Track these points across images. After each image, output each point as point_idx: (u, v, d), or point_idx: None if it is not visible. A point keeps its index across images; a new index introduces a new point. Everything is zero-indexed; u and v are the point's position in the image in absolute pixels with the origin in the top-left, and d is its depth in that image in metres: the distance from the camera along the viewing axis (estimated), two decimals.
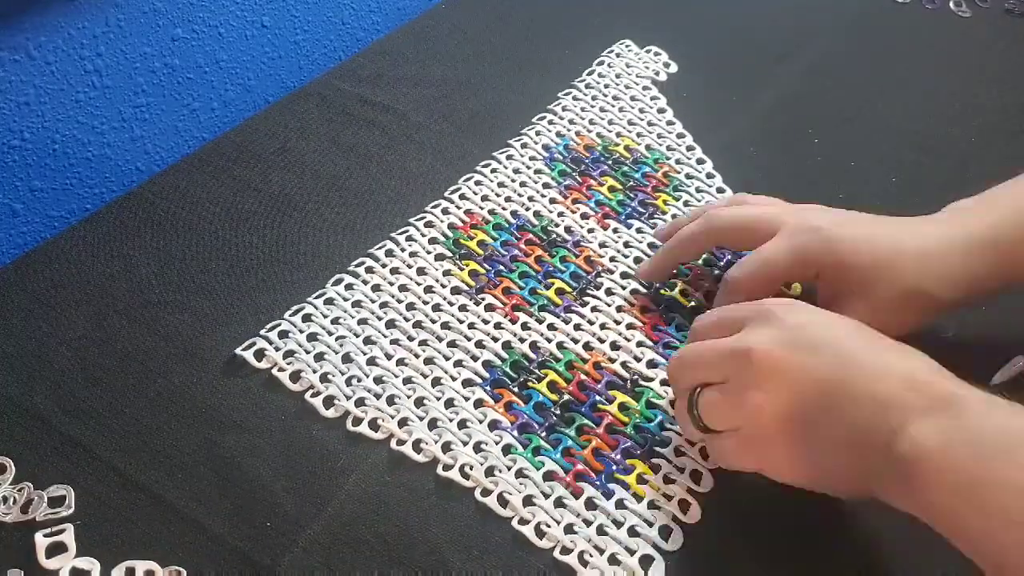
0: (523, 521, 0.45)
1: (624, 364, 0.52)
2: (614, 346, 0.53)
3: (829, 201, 0.63)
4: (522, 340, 0.53)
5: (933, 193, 0.64)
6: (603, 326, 0.54)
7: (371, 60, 0.76)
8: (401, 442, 0.48)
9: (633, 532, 0.45)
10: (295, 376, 0.51)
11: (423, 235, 0.59)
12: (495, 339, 0.53)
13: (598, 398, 0.50)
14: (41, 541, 0.42)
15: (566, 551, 0.44)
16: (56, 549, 0.42)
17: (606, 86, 0.73)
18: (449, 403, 0.50)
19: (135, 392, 0.50)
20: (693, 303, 0.56)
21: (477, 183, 0.63)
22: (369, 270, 0.57)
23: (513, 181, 0.64)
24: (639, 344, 0.53)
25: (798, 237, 0.48)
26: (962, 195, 0.63)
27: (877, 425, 0.37)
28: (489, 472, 0.47)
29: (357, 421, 0.49)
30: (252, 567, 0.43)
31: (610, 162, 0.66)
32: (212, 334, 0.53)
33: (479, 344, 0.53)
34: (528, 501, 0.46)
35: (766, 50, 0.78)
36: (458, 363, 0.52)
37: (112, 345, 0.52)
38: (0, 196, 0.60)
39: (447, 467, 0.47)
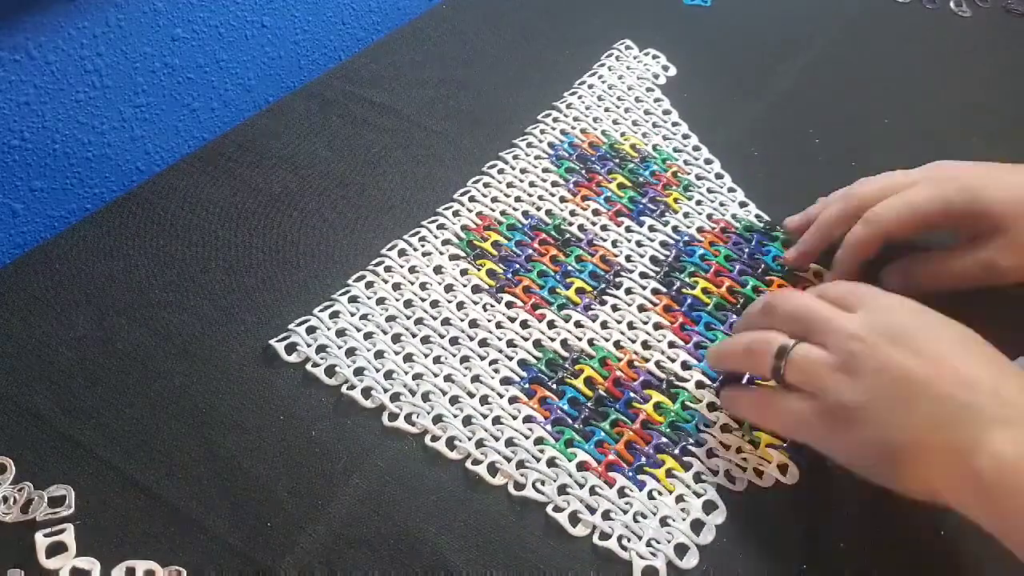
0: (558, 509, 0.45)
1: (658, 364, 0.52)
2: (645, 345, 0.53)
3: None
4: (551, 339, 0.53)
5: None
6: (630, 325, 0.54)
7: (371, 60, 0.76)
8: (435, 438, 0.48)
9: (664, 523, 0.45)
10: (330, 371, 0.51)
11: (436, 236, 0.59)
12: (524, 338, 0.53)
13: (633, 395, 0.50)
14: (41, 541, 0.42)
15: (605, 536, 0.44)
16: (56, 549, 0.42)
17: (610, 86, 0.73)
18: (484, 400, 0.50)
19: (135, 392, 0.50)
20: (715, 300, 0.56)
21: (486, 185, 0.64)
22: (388, 269, 0.57)
23: (522, 181, 0.64)
24: (671, 345, 0.53)
25: (942, 186, 0.52)
26: None
27: (956, 427, 0.38)
28: (520, 466, 0.47)
29: (393, 416, 0.49)
30: (252, 567, 0.43)
31: (616, 160, 0.66)
32: (212, 334, 0.53)
33: (511, 343, 0.53)
34: (562, 490, 0.46)
35: (766, 50, 0.78)
36: (494, 362, 0.52)
37: (112, 345, 0.52)
38: (0, 196, 0.60)
39: (476, 462, 0.47)
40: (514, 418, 0.49)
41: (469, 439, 0.48)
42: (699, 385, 0.51)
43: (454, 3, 0.83)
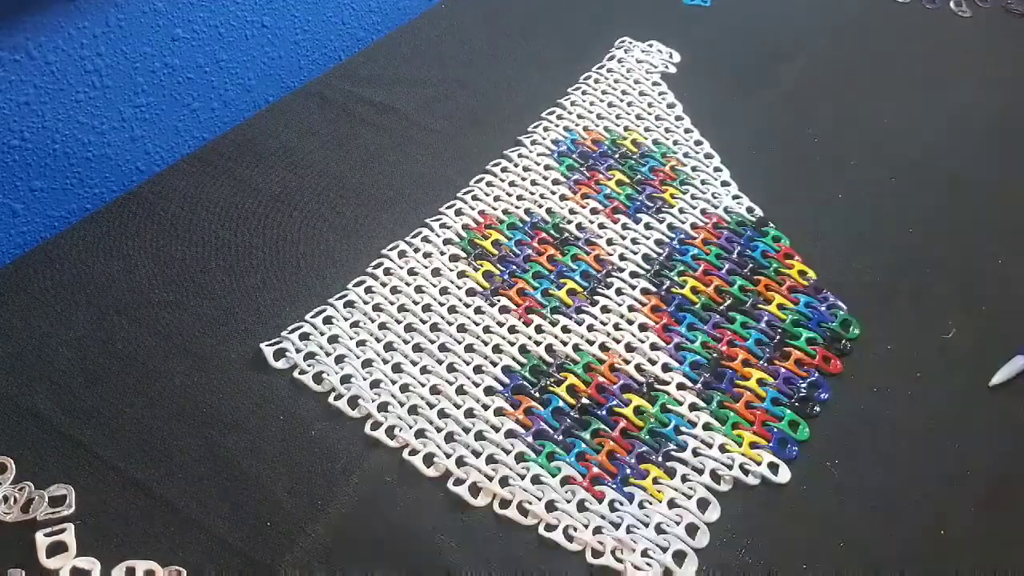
0: (550, 527, 0.45)
1: (638, 367, 0.52)
2: (628, 348, 0.53)
3: (828, 200, 0.64)
4: (537, 343, 0.53)
5: (931, 192, 0.64)
6: (616, 327, 0.54)
7: (371, 60, 0.76)
8: (414, 452, 0.48)
9: (660, 530, 0.45)
10: (318, 377, 0.51)
11: (438, 236, 0.60)
12: (511, 343, 0.53)
13: (614, 400, 0.50)
14: (42, 540, 0.42)
15: (597, 554, 0.44)
16: (56, 548, 0.42)
17: (616, 81, 0.73)
18: (469, 413, 0.49)
19: (135, 392, 0.50)
20: (703, 299, 0.56)
21: (489, 184, 0.64)
22: (388, 272, 0.57)
23: (524, 180, 0.64)
24: (653, 347, 0.53)
25: None
26: (960, 194, 0.63)
27: None
28: (504, 483, 0.46)
29: (376, 426, 0.49)
30: (252, 567, 0.43)
31: (617, 156, 0.66)
32: (212, 334, 0.53)
33: (496, 349, 0.53)
34: (551, 507, 0.46)
35: (766, 50, 0.78)
36: (478, 369, 0.52)
37: (112, 345, 0.52)
38: (0, 196, 0.60)
39: (459, 482, 0.46)
40: (497, 430, 0.49)
41: (448, 456, 0.47)
42: (680, 387, 0.51)
43: (454, 3, 0.83)
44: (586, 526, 0.45)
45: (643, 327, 0.54)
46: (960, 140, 0.69)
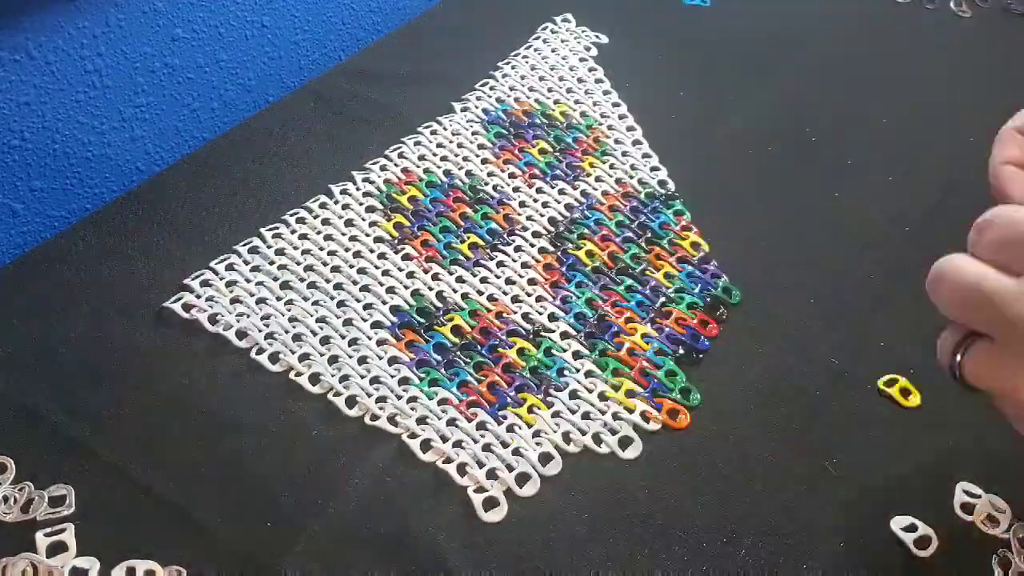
0: (413, 435, 0.48)
1: (526, 316, 0.54)
2: (515, 299, 0.56)
3: (825, 200, 0.64)
4: (431, 289, 0.56)
5: (930, 192, 0.64)
6: (508, 280, 0.57)
7: (371, 60, 0.76)
8: (299, 374, 0.50)
9: (517, 453, 0.48)
10: (213, 318, 0.53)
11: (358, 188, 0.62)
12: (406, 287, 0.56)
13: (498, 342, 0.53)
14: (42, 540, 0.42)
15: (449, 461, 0.47)
16: (56, 548, 0.42)
17: (544, 57, 0.75)
18: (353, 342, 0.52)
19: (135, 392, 0.50)
20: (597, 263, 0.58)
21: (416, 143, 0.66)
22: (301, 220, 0.60)
23: (451, 142, 0.67)
24: (539, 299, 0.56)
25: None
26: (958, 194, 0.63)
27: None
28: (380, 401, 0.49)
29: (260, 351, 0.51)
30: (252, 567, 0.43)
31: (545, 126, 0.68)
32: (212, 333, 0.53)
33: (390, 290, 0.55)
34: (421, 421, 0.49)
35: (766, 50, 0.78)
36: (368, 306, 0.54)
37: (112, 345, 0.52)
38: (0, 196, 0.60)
39: (337, 394, 0.50)
40: (380, 358, 0.51)
41: (333, 376, 0.50)
42: (564, 336, 0.53)
43: (454, 3, 0.84)
44: (445, 439, 0.48)
45: (532, 282, 0.57)
46: (958, 140, 0.69)
